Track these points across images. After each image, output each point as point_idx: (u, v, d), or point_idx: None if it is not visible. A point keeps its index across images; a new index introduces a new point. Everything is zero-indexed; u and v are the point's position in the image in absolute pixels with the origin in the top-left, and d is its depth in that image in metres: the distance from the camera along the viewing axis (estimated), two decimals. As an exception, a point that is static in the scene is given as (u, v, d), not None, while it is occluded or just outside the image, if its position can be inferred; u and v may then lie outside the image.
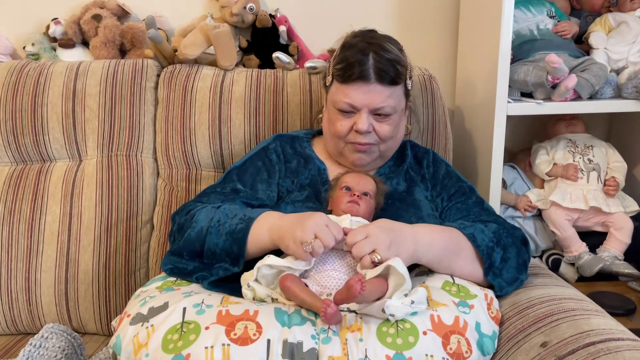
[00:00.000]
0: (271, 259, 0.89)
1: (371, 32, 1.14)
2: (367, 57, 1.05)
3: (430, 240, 0.95)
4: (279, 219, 0.95)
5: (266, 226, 0.94)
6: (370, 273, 0.85)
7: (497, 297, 0.99)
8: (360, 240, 0.88)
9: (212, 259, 0.96)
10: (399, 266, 0.83)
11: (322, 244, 0.87)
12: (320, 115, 1.22)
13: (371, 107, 1.07)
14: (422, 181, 1.17)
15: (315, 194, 1.11)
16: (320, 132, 1.24)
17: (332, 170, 1.17)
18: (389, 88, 1.07)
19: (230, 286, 0.95)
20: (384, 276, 0.86)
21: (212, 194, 1.10)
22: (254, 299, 0.90)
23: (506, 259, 1.01)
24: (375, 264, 0.86)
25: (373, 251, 0.87)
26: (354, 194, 1.02)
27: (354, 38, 1.12)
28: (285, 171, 1.16)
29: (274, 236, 0.93)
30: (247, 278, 0.91)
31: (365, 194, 1.04)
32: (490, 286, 0.99)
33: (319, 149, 1.23)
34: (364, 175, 1.10)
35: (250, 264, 0.94)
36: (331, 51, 1.16)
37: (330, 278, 0.89)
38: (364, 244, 0.87)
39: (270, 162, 1.17)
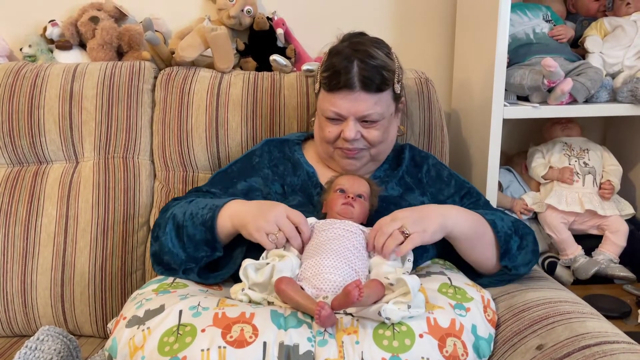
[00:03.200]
0: (250, 262, 0.91)
1: (359, 37, 1.14)
2: (352, 64, 1.06)
3: (459, 216, 1.00)
4: (241, 205, 1.01)
5: (228, 212, 0.99)
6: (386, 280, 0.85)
7: (498, 289, 1.02)
8: (388, 222, 0.94)
9: (194, 248, 1.00)
10: (411, 282, 0.82)
11: (284, 237, 0.94)
12: (313, 119, 1.23)
13: (357, 115, 1.08)
14: (419, 186, 1.17)
15: (308, 198, 1.12)
16: (313, 135, 1.24)
17: (322, 174, 1.18)
18: (374, 95, 1.07)
19: (214, 275, 1.01)
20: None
21: (194, 192, 1.17)
22: (250, 302, 0.90)
23: (523, 247, 1.04)
24: (405, 235, 0.91)
25: (402, 226, 0.92)
26: (348, 196, 1.02)
27: (341, 43, 1.13)
28: (272, 175, 1.16)
29: (235, 222, 0.98)
30: (237, 290, 0.91)
31: (360, 195, 1.04)
32: (498, 272, 1.05)
33: (309, 152, 1.23)
34: (358, 177, 1.10)
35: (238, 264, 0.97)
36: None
37: (326, 281, 0.89)
38: (390, 222, 0.94)
39: (252, 166, 1.18)
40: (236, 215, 0.98)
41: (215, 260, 1.03)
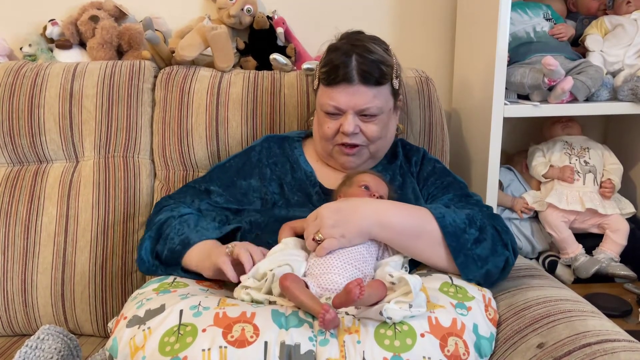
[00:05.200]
0: (249, 284, 0.90)
1: (357, 34, 1.15)
2: (351, 59, 1.07)
3: (388, 219, 0.94)
4: (209, 246, 0.99)
5: (195, 252, 0.99)
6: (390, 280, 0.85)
7: (489, 289, 0.99)
8: (311, 221, 0.95)
9: (165, 268, 1.04)
10: (413, 282, 0.81)
11: (241, 248, 0.92)
12: (312, 118, 1.23)
13: (356, 108, 1.08)
14: (413, 174, 1.19)
15: (307, 197, 1.12)
16: (312, 134, 1.24)
17: (320, 173, 1.18)
18: (373, 89, 1.08)
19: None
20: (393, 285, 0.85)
21: (190, 188, 1.17)
22: (252, 301, 0.90)
23: (481, 240, 0.96)
24: (317, 242, 0.92)
25: (317, 231, 0.93)
26: (374, 195, 1.03)
27: (340, 40, 1.14)
28: (270, 173, 1.17)
29: (198, 259, 0.98)
30: (239, 291, 0.91)
31: (381, 197, 1.04)
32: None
33: (309, 150, 1.24)
34: (380, 179, 1.10)
35: None
36: (326, 53, 1.17)
37: (332, 282, 0.89)
38: (310, 226, 0.94)
39: (251, 163, 1.19)
40: (201, 252, 0.99)
41: None
